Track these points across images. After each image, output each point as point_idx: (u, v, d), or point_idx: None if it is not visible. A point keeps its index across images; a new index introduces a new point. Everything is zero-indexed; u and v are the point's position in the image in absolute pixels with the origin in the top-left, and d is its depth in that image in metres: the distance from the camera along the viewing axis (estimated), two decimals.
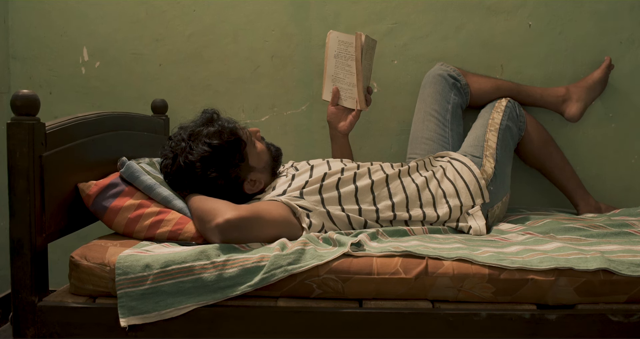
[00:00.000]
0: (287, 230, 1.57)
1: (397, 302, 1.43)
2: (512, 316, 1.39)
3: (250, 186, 1.74)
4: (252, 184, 1.74)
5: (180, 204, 1.62)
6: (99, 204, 1.59)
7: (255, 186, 1.75)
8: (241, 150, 1.70)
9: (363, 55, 1.93)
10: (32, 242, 1.41)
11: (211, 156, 1.65)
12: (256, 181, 1.74)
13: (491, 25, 2.25)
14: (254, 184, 1.74)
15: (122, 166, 1.65)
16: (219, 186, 1.67)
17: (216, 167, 1.65)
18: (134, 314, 1.37)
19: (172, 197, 1.63)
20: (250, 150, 1.74)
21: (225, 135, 1.67)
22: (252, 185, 1.74)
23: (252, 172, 1.73)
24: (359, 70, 1.96)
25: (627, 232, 1.71)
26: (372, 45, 2.01)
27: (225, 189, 1.68)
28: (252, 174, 1.73)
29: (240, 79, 2.30)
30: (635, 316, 1.39)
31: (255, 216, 1.51)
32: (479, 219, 1.79)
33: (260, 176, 1.76)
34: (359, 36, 1.94)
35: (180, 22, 2.29)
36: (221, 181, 1.66)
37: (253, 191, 1.75)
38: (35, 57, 2.30)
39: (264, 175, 1.77)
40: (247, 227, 1.49)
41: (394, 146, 2.29)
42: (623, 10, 2.21)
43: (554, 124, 2.25)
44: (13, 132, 1.41)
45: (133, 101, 2.29)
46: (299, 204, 1.62)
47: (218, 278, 1.38)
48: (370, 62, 2.03)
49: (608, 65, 2.19)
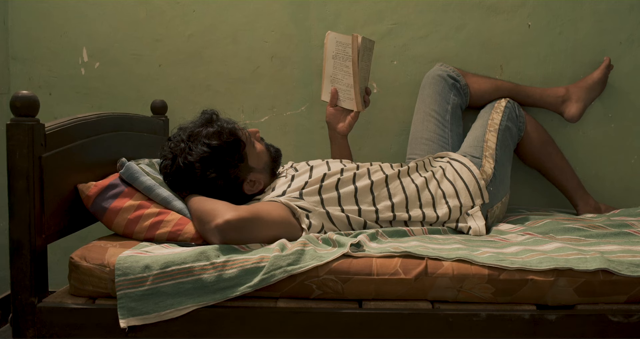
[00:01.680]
0: (286, 231, 1.57)
1: (397, 303, 1.43)
2: (511, 317, 1.39)
3: (249, 187, 1.74)
4: (252, 185, 1.74)
5: (180, 204, 1.62)
6: (98, 205, 1.59)
7: (254, 187, 1.75)
8: (240, 150, 1.70)
9: (360, 56, 1.93)
10: (31, 243, 1.41)
11: (210, 156, 1.65)
12: (256, 181, 1.75)
13: (491, 26, 2.25)
14: (253, 185, 1.74)
15: (121, 166, 1.65)
16: (218, 186, 1.67)
17: (215, 167, 1.65)
18: (133, 315, 1.37)
19: (172, 198, 1.63)
20: (250, 150, 1.74)
21: (224, 135, 1.67)
22: (251, 185, 1.74)
23: (251, 172, 1.73)
24: (356, 72, 1.96)
25: (627, 232, 1.71)
26: (369, 47, 2.00)
27: (225, 190, 1.68)
28: (252, 174, 1.74)
29: (240, 79, 2.30)
30: (634, 316, 1.39)
31: (255, 217, 1.51)
32: (479, 220, 1.79)
33: (260, 176, 1.76)
34: (356, 38, 1.93)
35: (180, 23, 2.29)
36: (220, 182, 1.66)
37: (252, 192, 1.75)
38: (35, 58, 2.30)
39: (263, 175, 1.77)
40: (247, 228, 1.49)
41: (394, 146, 2.29)
42: (622, 10, 2.22)
43: (554, 124, 2.25)
44: (13, 133, 1.41)
45: (133, 102, 2.29)
46: (298, 205, 1.62)
47: (218, 279, 1.39)
48: (368, 63, 2.02)
49: (607, 66, 2.19)
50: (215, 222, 1.47)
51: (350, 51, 1.97)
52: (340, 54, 2.00)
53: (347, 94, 2.02)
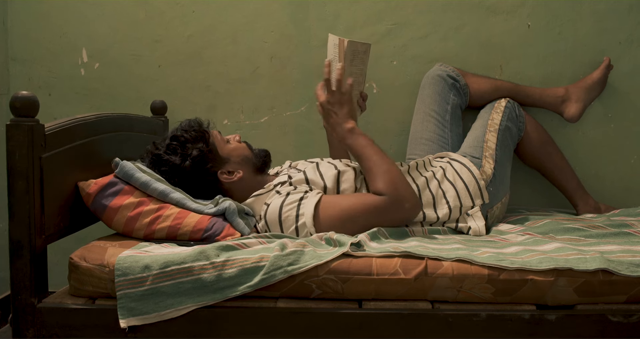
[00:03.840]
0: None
1: (397, 303, 1.43)
2: (511, 317, 1.39)
3: (227, 176, 1.78)
4: (229, 174, 1.79)
5: (177, 196, 1.65)
6: (98, 203, 1.60)
7: (233, 176, 1.78)
8: (204, 139, 1.76)
9: (349, 61, 1.85)
10: (31, 244, 1.41)
11: (175, 145, 1.75)
12: (234, 172, 1.78)
13: (490, 26, 2.25)
14: (230, 174, 1.79)
15: (116, 166, 1.66)
16: (188, 172, 1.72)
17: (180, 154, 1.73)
18: (133, 315, 1.37)
19: (169, 190, 1.65)
20: (218, 143, 1.80)
21: (188, 130, 1.77)
22: (229, 175, 1.78)
23: (227, 163, 1.78)
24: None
25: (627, 232, 1.71)
26: (362, 50, 1.87)
27: (197, 177, 1.74)
28: (228, 165, 1.78)
29: (239, 80, 2.30)
30: (634, 316, 1.39)
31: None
32: (479, 220, 1.79)
33: (238, 167, 1.80)
34: (342, 42, 1.84)
35: (180, 23, 2.29)
36: (188, 167, 1.72)
37: (230, 180, 1.78)
38: (35, 59, 2.30)
39: (243, 168, 1.81)
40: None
41: (394, 146, 2.29)
42: (622, 10, 2.22)
43: (553, 124, 2.25)
44: (12, 133, 1.41)
45: (132, 102, 2.29)
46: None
47: (217, 278, 1.39)
48: (362, 67, 1.91)
49: (607, 66, 2.19)
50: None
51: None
52: (336, 57, 1.95)
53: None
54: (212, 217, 1.62)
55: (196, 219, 1.60)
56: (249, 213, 1.71)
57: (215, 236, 1.59)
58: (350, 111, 1.75)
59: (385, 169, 1.67)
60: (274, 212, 1.64)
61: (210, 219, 1.61)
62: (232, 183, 1.78)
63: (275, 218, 1.64)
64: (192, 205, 1.65)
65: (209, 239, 1.58)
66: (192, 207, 1.64)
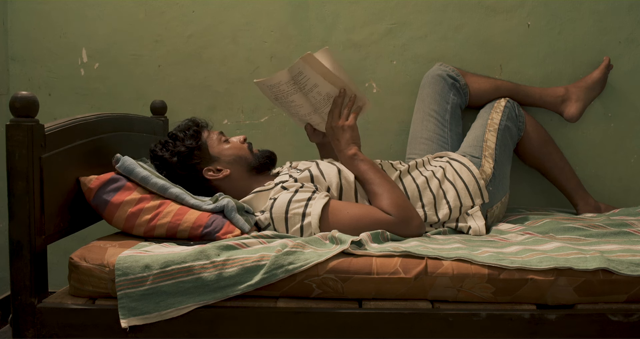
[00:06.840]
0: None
1: (397, 302, 1.43)
2: (511, 316, 1.39)
3: (213, 173, 1.79)
4: (215, 172, 1.79)
5: (176, 191, 1.66)
6: (100, 198, 1.60)
7: (219, 174, 1.79)
8: (196, 137, 1.79)
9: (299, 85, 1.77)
10: (31, 244, 1.41)
11: (169, 142, 1.79)
12: (222, 170, 1.79)
13: (490, 25, 2.25)
14: (216, 172, 1.79)
15: (117, 161, 1.67)
16: (173, 167, 1.76)
17: (171, 151, 1.77)
18: (134, 315, 1.37)
19: (168, 185, 1.67)
20: (211, 140, 1.81)
21: (183, 129, 1.80)
22: (215, 173, 1.79)
23: (216, 162, 1.79)
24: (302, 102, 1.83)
25: (627, 231, 1.71)
26: (310, 62, 1.73)
27: (182, 171, 1.76)
28: (217, 163, 1.79)
29: (239, 79, 2.30)
30: (634, 316, 1.39)
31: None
32: (479, 220, 1.80)
33: (227, 166, 1.80)
34: (309, 60, 1.73)
35: (180, 23, 2.29)
36: (174, 162, 1.75)
37: (215, 178, 1.78)
38: (34, 59, 2.30)
39: (233, 167, 1.80)
40: None
41: (393, 146, 2.29)
42: (622, 10, 2.22)
43: (553, 124, 2.25)
44: (12, 133, 1.41)
45: (132, 102, 2.29)
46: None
47: (218, 278, 1.39)
48: (342, 78, 1.79)
49: (607, 65, 2.19)
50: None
51: (284, 88, 1.79)
52: (280, 96, 1.83)
53: (312, 120, 1.90)
54: (211, 214, 1.63)
55: (196, 215, 1.61)
56: (249, 211, 1.71)
57: (215, 232, 1.59)
58: (352, 137, 1.79)
59: (388, 191, 1.70)
60: (281, 207, 1.64)
61: (210, 216, 1.62)
62: (219, 181, 1.79)
63: (281, 213, 1.64)
64: (190, 200, 1.66)
65: (209, 236, 1.59)
66: (191, 203, 1.65)
